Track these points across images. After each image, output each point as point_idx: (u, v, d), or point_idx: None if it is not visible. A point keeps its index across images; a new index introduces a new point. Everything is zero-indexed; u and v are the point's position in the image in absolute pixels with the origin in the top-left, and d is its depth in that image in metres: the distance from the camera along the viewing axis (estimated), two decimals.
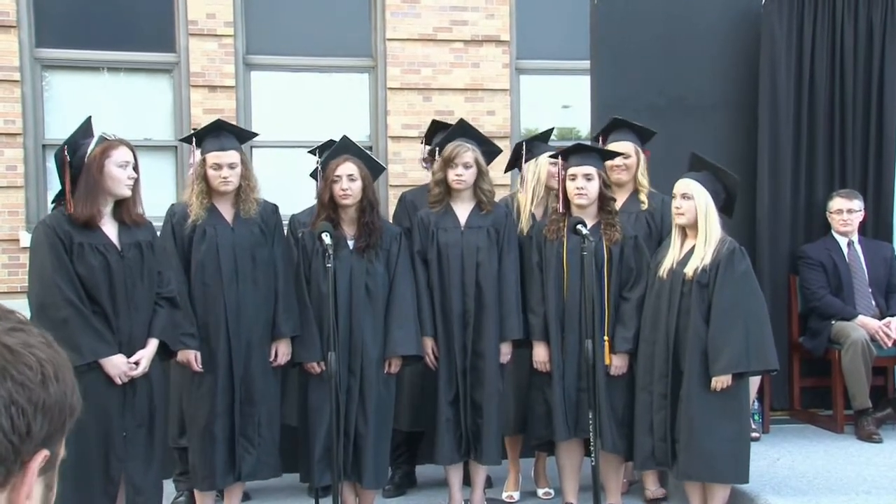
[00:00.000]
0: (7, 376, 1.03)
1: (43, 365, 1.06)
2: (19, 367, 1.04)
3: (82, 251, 3.89)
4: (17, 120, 7.47)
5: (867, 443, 5.55)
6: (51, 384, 1.06)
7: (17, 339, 1.06)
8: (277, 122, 8.01)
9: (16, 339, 1.06)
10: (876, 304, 5.95)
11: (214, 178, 4.45)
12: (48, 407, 1.05)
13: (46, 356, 1.08)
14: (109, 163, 3.94)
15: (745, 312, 4.29)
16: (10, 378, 1.03)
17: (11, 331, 1.07)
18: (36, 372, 1.05)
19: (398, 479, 5.30)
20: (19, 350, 1.05)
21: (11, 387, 1.02)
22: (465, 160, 4.71)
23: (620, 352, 4.57)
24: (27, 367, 1.04)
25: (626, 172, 4.99)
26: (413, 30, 8.09)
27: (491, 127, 7.91)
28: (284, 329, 4.53)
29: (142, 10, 7.80)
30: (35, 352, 1.07)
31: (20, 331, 1.08)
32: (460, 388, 4.71)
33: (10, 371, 1.03)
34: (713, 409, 4.29)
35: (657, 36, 6.00)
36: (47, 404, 1.05)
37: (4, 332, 1.06)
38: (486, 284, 4.68)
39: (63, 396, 1.08)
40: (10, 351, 1.04)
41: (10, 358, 1.04)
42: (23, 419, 1.03)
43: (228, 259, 4.45)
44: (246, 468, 4.48)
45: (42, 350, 1.08)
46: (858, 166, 6.21)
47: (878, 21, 6.13)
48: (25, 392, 1.03)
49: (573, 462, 4.76)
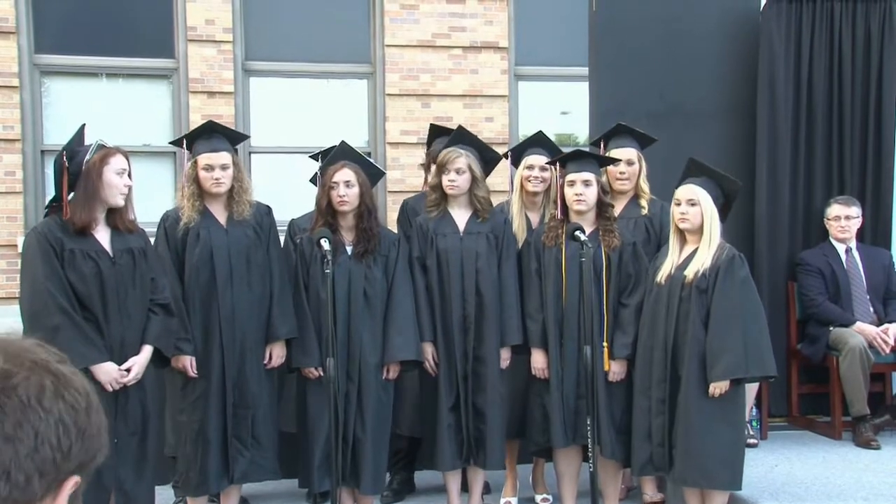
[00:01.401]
0: (59, 396, 1.10)
1: (89, 394, 1.15)
2: (70, 390, 1.12)
3: (73, 258, 3.89)
4: (16, 126, 7.48)
5: (865, 449, 5.55)
6: (93, 413, 1.15)
7: (66, 369, 1.15)
8: (276, 128, 8.02)
9: (65, 369, 1.15)
10: (874, 310, 5.96)
11: (206, 180, 4.44)
12: (88, 435, 1.13)
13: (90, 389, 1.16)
14: (108, 170, 3.95)
15: (743, 318, 4.28)
16: (62, 399, 1.10)
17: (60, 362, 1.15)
18: (83, 398, 1.13)
19: (397, 485, 5.30)
20: (69, 376, 1.14)
21: (63, 407, 1.10)
22: (458, 165, 4.71)
23: (619, 358, 4.57)
24: (76, 392, 1.13)
25: (629, 181, 5.00)
26: (412, 36, 8.11)
27: (489, 133, 7.93)
28: (280, 331, 4.51)
29: (141, 16, 7.82)
30: (81, 381, 1.15)
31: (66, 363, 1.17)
32: (461, 393, 4.71)
33: (62, 392, 1.11)
34: (711, 414, 4.28)
35: (655, 42, 6.01)
36: (88, 433, 1.13)
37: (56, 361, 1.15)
38: (486, 290, 4.69)
39: (99, 431, 1.16)
40: (63, 375, 1.13)
41: (63, 381, 1.12)
42: (67, 439, 1.10)
43: (223, 261, 4.44)
44: (239, 470, 4.47)
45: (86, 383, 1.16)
46: (857, 173, 6.23)
47: (876, 28, 6.15)
48: (74, 414, 1.11)
49: (571, 468, 4.76)
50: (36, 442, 1.06)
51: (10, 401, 1.06)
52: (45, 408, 1.08)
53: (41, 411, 1.07)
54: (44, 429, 1.07)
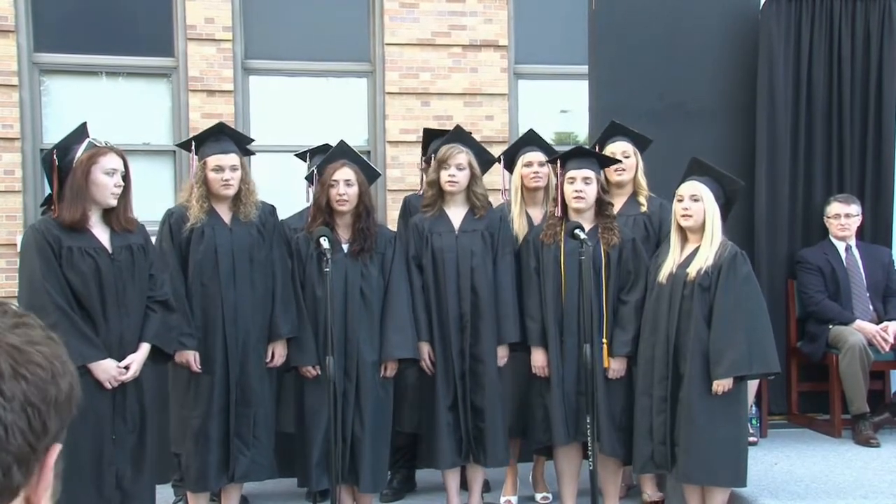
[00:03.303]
0: (20, 378, 1.02)
1: (51, 361, 1.06)
2: (30, 367, 1.04)
3: (71, 255, 3.87)
4: (15, 124, 7.47)
5: (864, 447, 5.56)
6: (60, 379, 1.07)
7: (22, 338, 1.06)
8: (276, 127, 8.01)
9: (21, 338, 1.05)
10: (873, 308, 5.96)
11: (216, 182, 4.45)
12: (60, 402, 1.06)
13: (51, 351, 1.07)
14: (96, 169, 3.91)
15: (746, 316, 4.29)
16: (23, 379, 1.03)
17: (14, 328, 1.06)
18: (46, 370, 1.05)
19: (397, 484, 5.29)
20: (27, 349, 1.05)
21: (26, 388, 1.02)
22: (459, 161, 4.72)
23: (619, 355, 4.57)
24: (37, 366, 1.04)
25: (627, 172, 5.00)
26: (411, 34, 8.10)
27: (489, 132, 7.92)
28: (282, 330, 4.52)
29: (140, 14, 7.81)
30: (41, 349, 1.06)
31: (22, 325, 1.07)
32: (459, 392, 4.71)
33: (21, 372, 1.03)
34: (714, 412, 4.28)
35: (655, 41, 6.01)
36: (59, 400, 1.06)
37: (8, 329, 1.06)
38: (482, 288, 4.69)
39: (70, 388, 1.08)
40: (19, 351, 1.04)
41: (20, 358, 1.04)
42: (38, 419, 1.03)
43: (226, 260, 4.45)
44: (240, 469, 4.47)
45: (46, 345, 1.08)
46: (856, 171, 6.23)
47: (876, 26, 6.15)
48: (39, 392, 1.04)
49: (571, 466, 4.76)
50: (6, 434, 1.00)
51: None
52: (6, 396, 1.01)
53: (2, 401, 1.00)
54: (11, 418, 1.01)
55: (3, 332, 1.05)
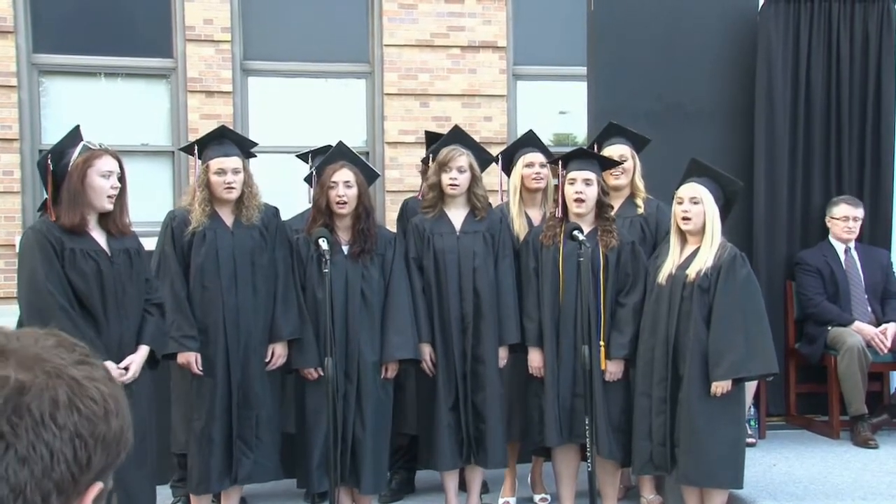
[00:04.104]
0: (74, 409, 1.06)
1: (106, 399, 1.10)
2: (85, 400, 1.07)
3: (74, 257, 3.87)
4: (14, 125, 7.48)
5: (863, 448, 5.56)
6: (112, 419, 1.10)
7: (83, 373, 1.09)
8: (275, 128, 8.02)
9: (82, 372, 1.09)
10: (872, 310, 5.96)
11: (219, 185, 4.44)
12: (108, 441, 1.09)
13: (109, 390, 1.11)
14: (92, 172, 3.89)
15: (746, 317, 4.29)
16: (76, 411, 1.06)
17: (78, 364, 1.10)
18: (100, 406, 1.09)
19: (396, 485, 5.29)
20: (85, 383, 1.08)
21: (78, 420, 1.06)
22: (460, 164, 4.71)
23: (616, 358, 4.57)
24: (92, 401, 1.08)
25: (624, 176, 5.00)
26: (410, 35, 8.11)
27: (488, 133, 7.93)
28: (284, 331, 4.52)
29: (139, 15, 7.82)
30: (100, 385, 1.10)
31: (86, 364, 1.11)
32: (460, 393, 4.71)
33: (76, 404, 1.06)
34: (713, 413, 4.28)
35: (653, 42, 6.01)
36: (107, 439, 1.09)
37: (72, 364, 1.10)
38: (484, 289, 4.69)
39: (121, 431, 1.12)
40: (78, 384, 1.08)
41: (78, 391, 1.07)
42: (85, 452, 1.06)
43: (228, 264, 4.44)
44: (243, 471, 4.47)
45: (105, 384, 1.11)
46: (855, 172, 6.23)
47: (874, 27, 6.15)
48: (90, 425, 1.07)
49: (570, 468, 4.76)
50: (52, 461, 1.03)
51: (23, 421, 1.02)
52: (58, 424, 1.04)
53: (55, 428, 1.04)
54: (59, 446, 1.04)
55: (67, 365, 1.09)
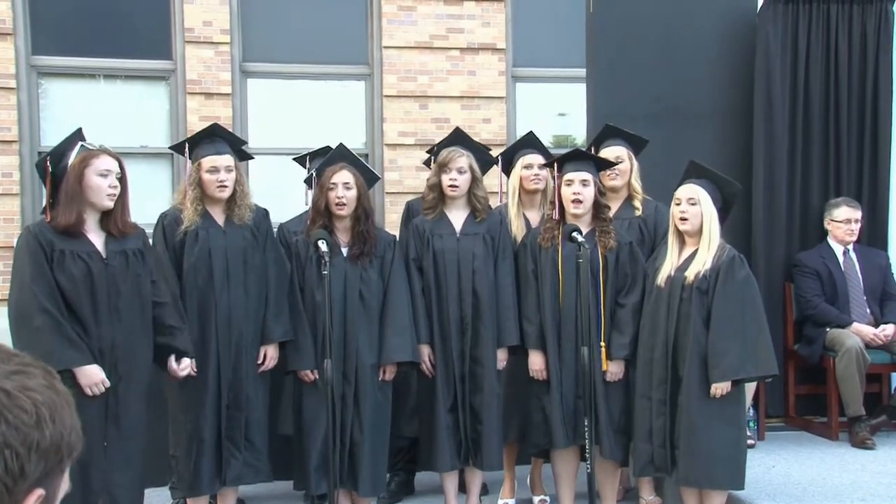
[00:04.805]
0: (1, 420, 1.07)
1: (38, 407, 1.10)
2: (14, 410, 1.08)
3: (63, 259, 3.84)
4: (13, 127, 7.48)
5: (861, 450, 5.57)
6: (45, 426, 1.10)
7: (15, 383, 1.10)
8: (274, 130, 8.03)
9: (14, 383, 1.10)
10: (870, 311, 5.97)
11: (211, 183, 4.43)
12: (43, 448, 1.09)
13: (44, 398, 1.11)
14: (89, 171, 3.87)
15: (745, 319, 4.29)
16: (4, 422, 1.06)
17: (12, 374, 1.11)
18: (31, 415, 1.09)
19: (394, 487, 5.28)
20: (16, 393, 1.09)
21: (6, 430, 1.06)
22: (460, 165, 4.72)
23: (617, 358, 4.57)
24: (22, 411, 1.08)
25: (620, 177, 5.01)
26: (409, 37, 8.12)
27: (487, 135, 7.94)
28: (275, 333, 4.51)
29: (138, 17, 7.82)
30: (32, 395, 1.10)
31: (21, 373, 1.12)
32: (459, 394, 4.71)
33: (4, 415, 1.07)
34: (712, 414, 4.29)
35: (653, 44, 6.02)
36: (42, 446, 1.09)
37: (5, 375, 1.10)
38: (483, 291, 4.69)
39: (59, 437, 1.11)
40: (7, 395, 1.08)
41: (7, 402, 1.08)
42: (16, 461, 1.06)
43: (220, 263, 4.43)
44: (232, 472, 4.45)
45: (40, 392, 1.11)
46: (853, 174, 6.23)
47: (872, 29, 6.16)
48: (19, 435, 1.07)
49: (569, 469, 4.76)
50: None
51: None
52: None
53: None
54: None
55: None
